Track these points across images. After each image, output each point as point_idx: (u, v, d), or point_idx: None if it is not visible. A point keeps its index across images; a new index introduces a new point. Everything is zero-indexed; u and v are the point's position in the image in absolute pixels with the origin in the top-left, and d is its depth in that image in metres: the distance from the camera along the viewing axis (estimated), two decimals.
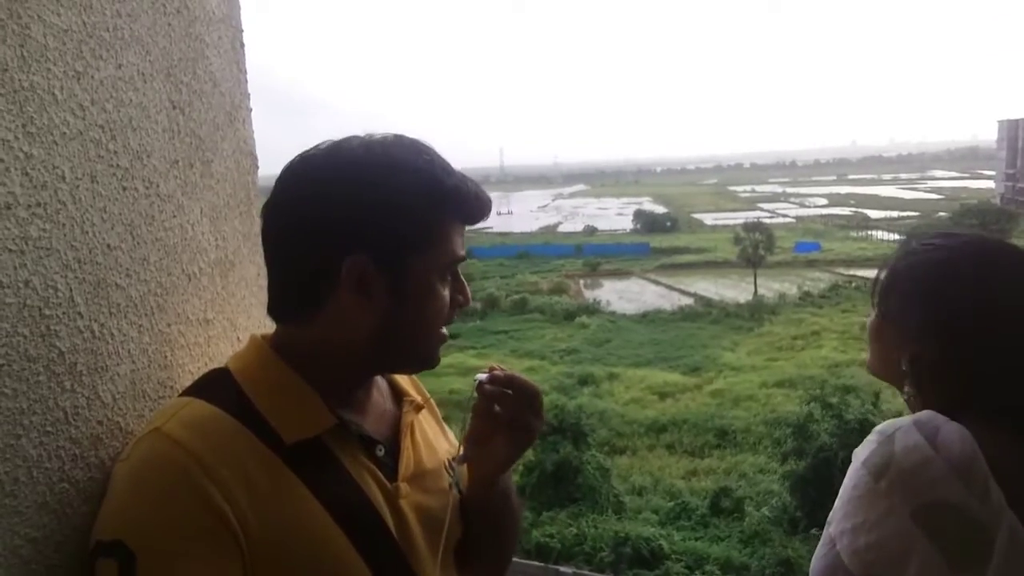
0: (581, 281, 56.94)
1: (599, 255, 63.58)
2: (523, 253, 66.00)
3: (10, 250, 0.73)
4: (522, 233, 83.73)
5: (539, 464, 18.77)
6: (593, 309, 45.70)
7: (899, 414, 1.03)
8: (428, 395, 1.09)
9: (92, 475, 0.83)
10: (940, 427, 0.94)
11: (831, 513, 0.98)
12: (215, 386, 0.88)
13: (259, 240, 1.25)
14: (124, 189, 0.90)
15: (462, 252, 0.91)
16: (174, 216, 1.00)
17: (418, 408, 1.02)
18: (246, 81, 1.22)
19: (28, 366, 0.75)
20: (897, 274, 1.08)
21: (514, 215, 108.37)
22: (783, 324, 39.60)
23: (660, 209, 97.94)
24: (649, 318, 44.18)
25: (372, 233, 0.84)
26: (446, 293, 0.90)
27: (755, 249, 49.57)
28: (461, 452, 1.00)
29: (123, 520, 0.77)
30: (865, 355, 1.15)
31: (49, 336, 0.78)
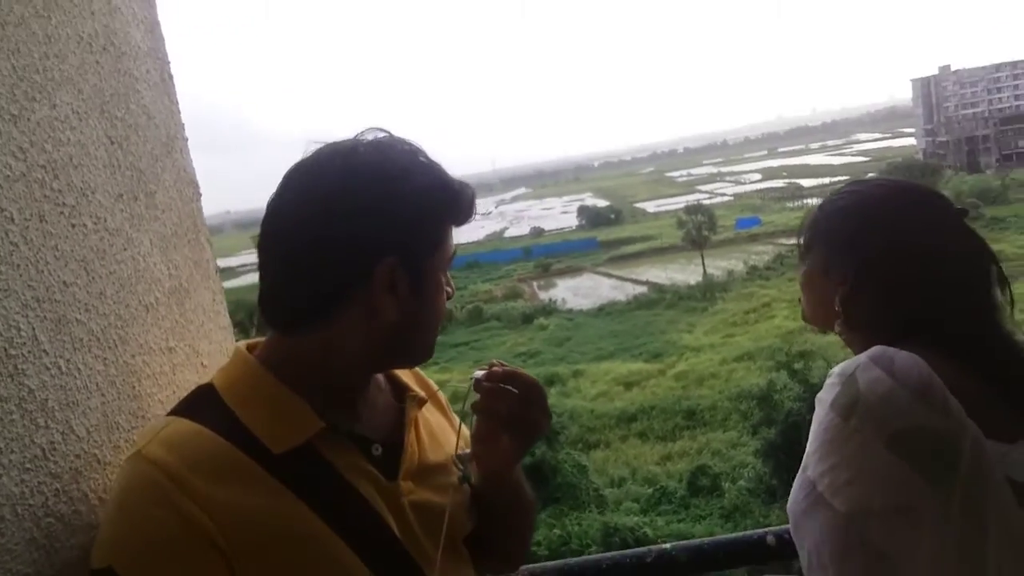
0: (534, 283, 57.22)
1: (549, 255, 64.01)
2: (472, 262, 66.04)
3: None
4: (469, 243, 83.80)
5: None
6: (550, 309, 45.99)
7: None
8: (435, 387, 1.10)
9: (76, 508, 0.84)
10: (894, 358, 1.00)
11: (804, 458, 1.03)
12: (199, 403, 0.88)
13: (210, 267, 1.27)
14: (73, 226, 0.92)
15: (454, 248, 0.96)
16: (125, 249, 1.01)
17: (421, 402, 1.03)
18: (179, 111, 1.24)
19: (1, 406, 0.76)
20: (818, 225, 1.15)
21: None
22: (735, 300, 40.47)
23: (603, 203, 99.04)
24: (605, 311, 44.68)
25: (399, 237, 0.87)
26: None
27: (699, 231, 50.59)
28: (468, 450, 1.00)
29: (111, 546, 0.78)
30: None
31: (17, 375, 0.79)
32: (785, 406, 17.77)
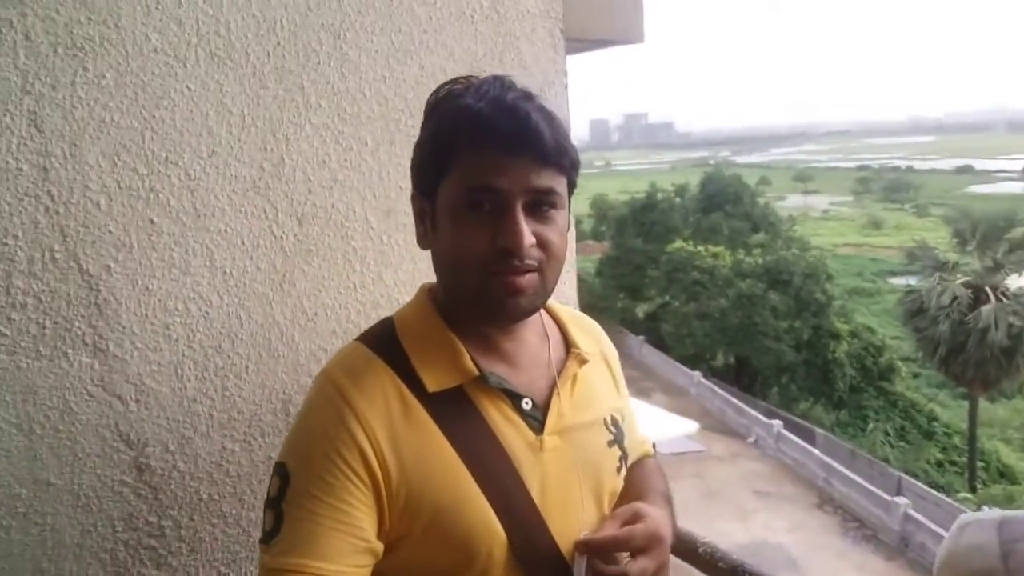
0: None
1: None
2: None
3: (323, 187, 1.28)
4: None
5: None
6: None
7: None
8: (611, 348, 1.13)
9: (367, 324, 1.36)
10: None
11: None
12: (378, 334, 1.00)
13: None
14: None
15: (489, 181, 0.88)
16: None
17: (582, 361, 1.03)
18: (563, 60, 1.53)
19: (330, 254, 1.31)
20: None
21: None
22: None
23: None
24: None
25: (417, 162, 0.98)
26: (475, 226, 0.90)
27: None
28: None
29: (290, 447, 0.94)
30: None
31: (346, 238, 1.32)
32: None
